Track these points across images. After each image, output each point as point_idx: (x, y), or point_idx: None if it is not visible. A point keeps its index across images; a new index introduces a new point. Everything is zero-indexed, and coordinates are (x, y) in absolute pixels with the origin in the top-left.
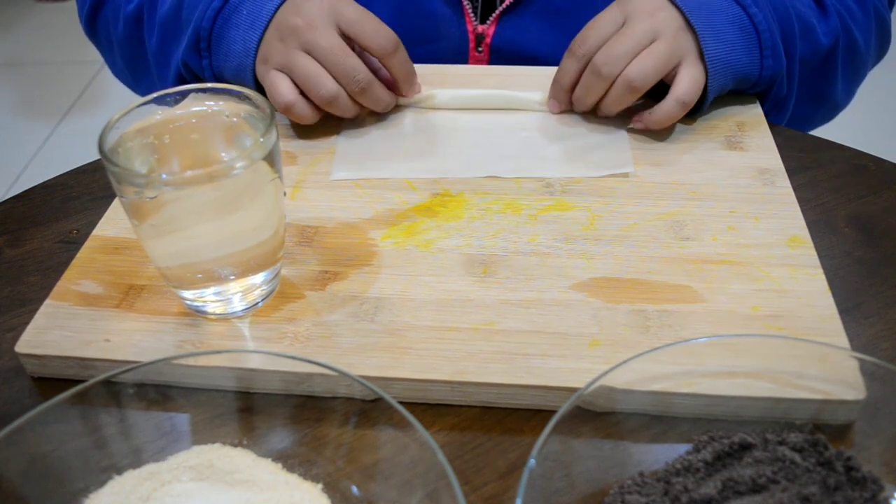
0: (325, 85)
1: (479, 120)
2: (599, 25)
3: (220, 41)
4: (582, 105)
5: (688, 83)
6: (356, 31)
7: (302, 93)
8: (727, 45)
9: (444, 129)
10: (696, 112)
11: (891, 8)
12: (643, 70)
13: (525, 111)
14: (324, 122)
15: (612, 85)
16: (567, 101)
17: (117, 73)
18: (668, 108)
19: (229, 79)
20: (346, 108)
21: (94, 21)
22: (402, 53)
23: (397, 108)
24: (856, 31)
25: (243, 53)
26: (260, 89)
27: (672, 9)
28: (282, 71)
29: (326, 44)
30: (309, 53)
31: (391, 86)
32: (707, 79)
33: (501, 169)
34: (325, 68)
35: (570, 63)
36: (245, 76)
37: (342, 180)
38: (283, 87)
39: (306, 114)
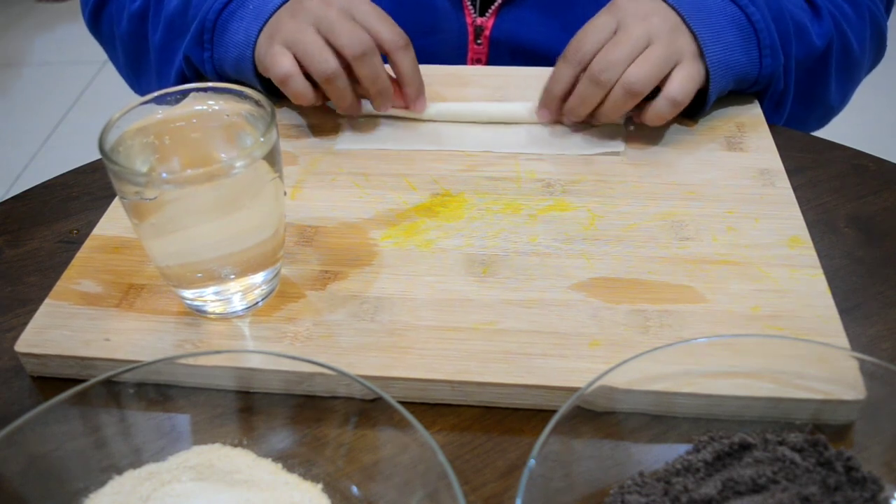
0: (327, 60)
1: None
2: (592, 31)
3: (223, 33)
4: (574, 115)
5: (679, 81)
6: (369, 24)
7: (306, 75)
8: (727, 46)
9: (443, 126)
10: (696, 114)
11: (887, 13)
12: (641, 75)
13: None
14: (324, 122)
15: (609, 92)
16: (558, 111)
17: (119, 70)
18: (658, 106)
19: (229, 72)
20: (343, 90)
21: (98, 18)
22: (411, 54)
23: (393, 117)
24: (850, 34)
25: (244, 44)
26: (261, 81)
27: (666, 10)
28: (286, 46)
29: (336, 19)
30: (317, 28)
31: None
32: (708, 81)
33: (498, 145)
34: (330, 39)
35: (563, 69)
36: (245, 66)
37: (344, 171)
38: (282, 59)
39: (302, 88)
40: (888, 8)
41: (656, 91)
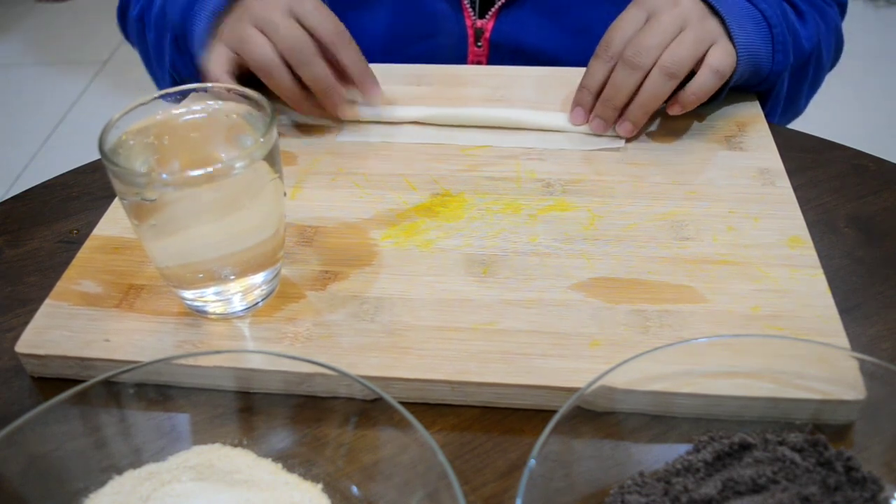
0: (263, 48)
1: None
2: (623, 25)
3: (192, 35)
4: (610, 106)
5: (720, 54)
6: (312, 22)
7: (245, 76)
8: (749, 34)
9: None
10: (713, 100)
11: (842, 19)
12: (678, 56)
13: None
14: (324, 122)
15: (645, 78)
16: (592, 107)
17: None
18: (703, 79)
19: None
20: (282, 79)
21: (124, 23)
22: (355, 48)
23: (394, 122)
24: (822, 42)
25: (199, 45)
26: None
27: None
28: (227, 46)
29: (277, 19)
30: (260, 29)
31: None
32: (735, 62)
33: (499, 141)
34: (272, 40)
35: (597, 65)
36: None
37: (344, 171)
38: (215, 57)
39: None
40: (842, 14)
41: (684, 82)
